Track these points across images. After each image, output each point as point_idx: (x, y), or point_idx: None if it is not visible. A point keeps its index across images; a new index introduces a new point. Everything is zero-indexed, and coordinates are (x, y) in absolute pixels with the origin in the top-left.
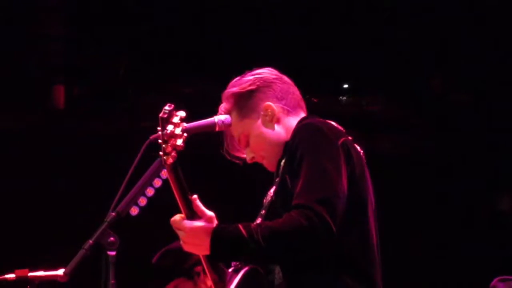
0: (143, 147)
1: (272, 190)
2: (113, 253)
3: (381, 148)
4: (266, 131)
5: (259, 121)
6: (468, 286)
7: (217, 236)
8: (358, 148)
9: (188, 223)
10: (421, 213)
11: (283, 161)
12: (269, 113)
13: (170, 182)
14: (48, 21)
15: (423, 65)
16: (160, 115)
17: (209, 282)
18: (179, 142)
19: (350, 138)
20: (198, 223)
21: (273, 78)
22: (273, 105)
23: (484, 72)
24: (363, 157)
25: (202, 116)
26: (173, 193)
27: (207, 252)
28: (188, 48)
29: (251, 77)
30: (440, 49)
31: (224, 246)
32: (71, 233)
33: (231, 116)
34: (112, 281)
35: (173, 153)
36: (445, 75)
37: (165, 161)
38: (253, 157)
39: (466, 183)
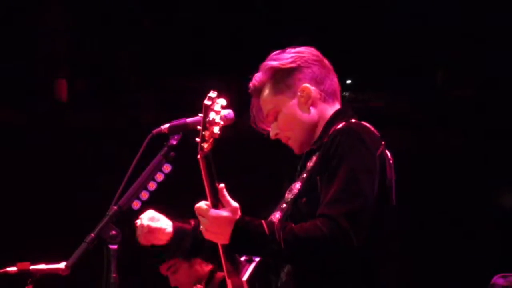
0: (146, 141)
1: (297, 185)
2: (115, 246)
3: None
4: (300, 113)
5: (294, 101)
6: (470, 283)
7: (239, 229)
8: (389, 154)
9: (213, 211)
10: (424, 209)
11: (314, 158)
12: (305, 95)
13: (202, 169)
14: (51, 15)
15: (426, 60)
16: (205, 101)
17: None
18: (216, 130)
19: (383, 143)
20: (223, 213)
21: (314, 60)
22: (311, 88)
23: (487, 68)
24: (393, 164)
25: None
26: (200, 182)
27: (226, 242)
28: (191, 42)
29: (293, 54)
30: (443, 44)
31: (244, 240)
32: (73, 227)
33: (264, 89)
34: (114, 275)
35: (211, 140)
36: (448, 70)
37: (202, 147)
38: (277, 134)
39: (470, 178)
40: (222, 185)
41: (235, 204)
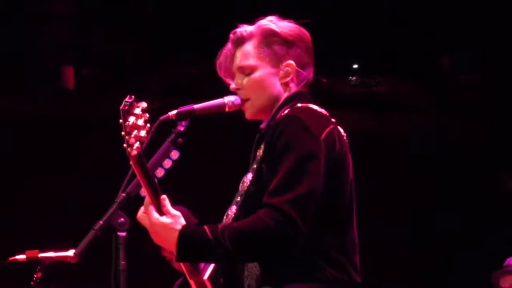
0: (154, 127)
1: (249, 176)
2: (123, 233)
3: (389, 128)
4: (273, 83)
5: (274, 70)
6: (483, 264)
7: (183, 240)
8: (342, 131)
9: (155, 219)
10: (428, 192)
11: (261, 149)
12: (286, 71)
13: (136, 174)
14: (58, 1)
15: (432, 45)
16: (121, 107)
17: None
18: (143, 133)
19: (334, 121)
20: (164, 219)
21: (307, 45)
22: (295, 68)
23: (494, 53)
24: (347, 140)
25: (211, 97)
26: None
27: (174, 250)
28: (198, 28)
29: (294, 28)
30: (450, 29)
31: (190, 251)
32: (81, 214)
33: (248, 42)
34: (123, 262)
35: (138, 145)
36: (454, 55)
37: (129, 153)
38: (238, 89)
39: (472, 164)
40: (163, 196)
41: (175, 212)
